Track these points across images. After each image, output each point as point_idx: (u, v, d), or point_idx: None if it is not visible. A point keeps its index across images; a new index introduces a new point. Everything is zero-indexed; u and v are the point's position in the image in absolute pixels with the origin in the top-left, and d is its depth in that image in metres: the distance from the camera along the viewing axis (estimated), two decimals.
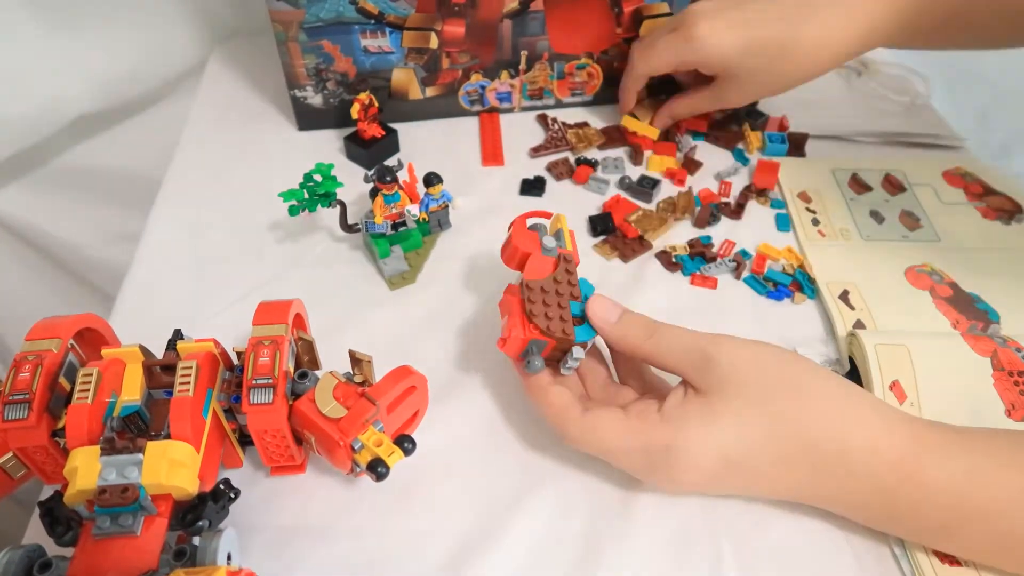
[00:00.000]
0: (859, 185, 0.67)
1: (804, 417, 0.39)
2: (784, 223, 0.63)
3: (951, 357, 0.49)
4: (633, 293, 0.58)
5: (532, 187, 0.67)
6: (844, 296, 0.56)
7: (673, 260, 0.60)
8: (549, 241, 0.48)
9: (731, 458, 0.40)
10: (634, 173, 0.69)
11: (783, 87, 0.64)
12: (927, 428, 0.40)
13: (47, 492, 0.43)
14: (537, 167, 0.70)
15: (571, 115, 0.76)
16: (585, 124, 0.74)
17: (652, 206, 0.65)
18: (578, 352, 0.44)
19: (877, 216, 0.63)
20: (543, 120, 0.75)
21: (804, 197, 0.66)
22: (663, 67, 0.65)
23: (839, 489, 0.40)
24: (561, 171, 0.69)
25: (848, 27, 0.59)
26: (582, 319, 0.46)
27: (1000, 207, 0.64)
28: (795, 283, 0.58)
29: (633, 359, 0.47)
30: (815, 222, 0.63)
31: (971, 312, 0.55)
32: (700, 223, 0.63)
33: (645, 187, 0.66)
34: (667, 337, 0.43)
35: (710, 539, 0.43)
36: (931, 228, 0.62)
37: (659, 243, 0.62)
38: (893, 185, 0.66)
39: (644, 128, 0.72)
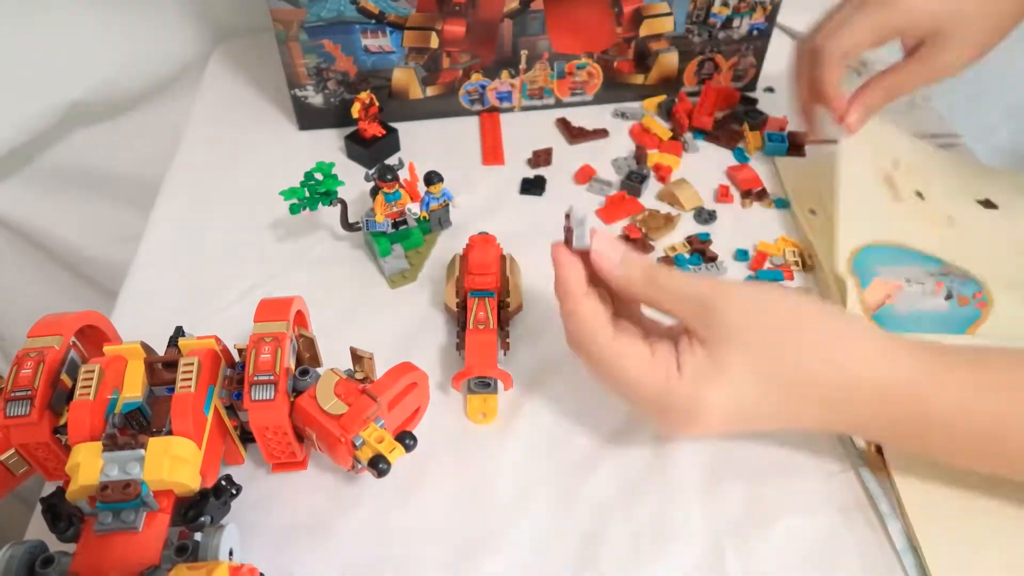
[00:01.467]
0: None
1: (809, 362, 0.40)
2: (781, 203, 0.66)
3: None
4: None
5: (532, 186, 0.67)
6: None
7: (671, 260, 0.60)
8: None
9: (744, 411, 0.40)
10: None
11: (997, 37, 0.56)
12: (930, 354, 0.41)
13: (49, 489, 0.43)
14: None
15: (576, 114, 0.76)
16: (604, 131, 0.73)
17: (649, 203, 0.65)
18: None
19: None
20: (564, 126, 0.74)
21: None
22: (861, 45, 0.57)
23: (847, 421, 0.42)
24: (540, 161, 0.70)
25: None
26: None
27: None
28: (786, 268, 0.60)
29: (631, 302, 0.46)
30: (813, 212, 0.63)
31: None
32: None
33: (634, 180, 0.65)
34: (668, 283, 0.42)
35: (711, 539, 0.43)
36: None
37: (662, 244, 0.62)
38: None
39: (659, 128, 0.72)
